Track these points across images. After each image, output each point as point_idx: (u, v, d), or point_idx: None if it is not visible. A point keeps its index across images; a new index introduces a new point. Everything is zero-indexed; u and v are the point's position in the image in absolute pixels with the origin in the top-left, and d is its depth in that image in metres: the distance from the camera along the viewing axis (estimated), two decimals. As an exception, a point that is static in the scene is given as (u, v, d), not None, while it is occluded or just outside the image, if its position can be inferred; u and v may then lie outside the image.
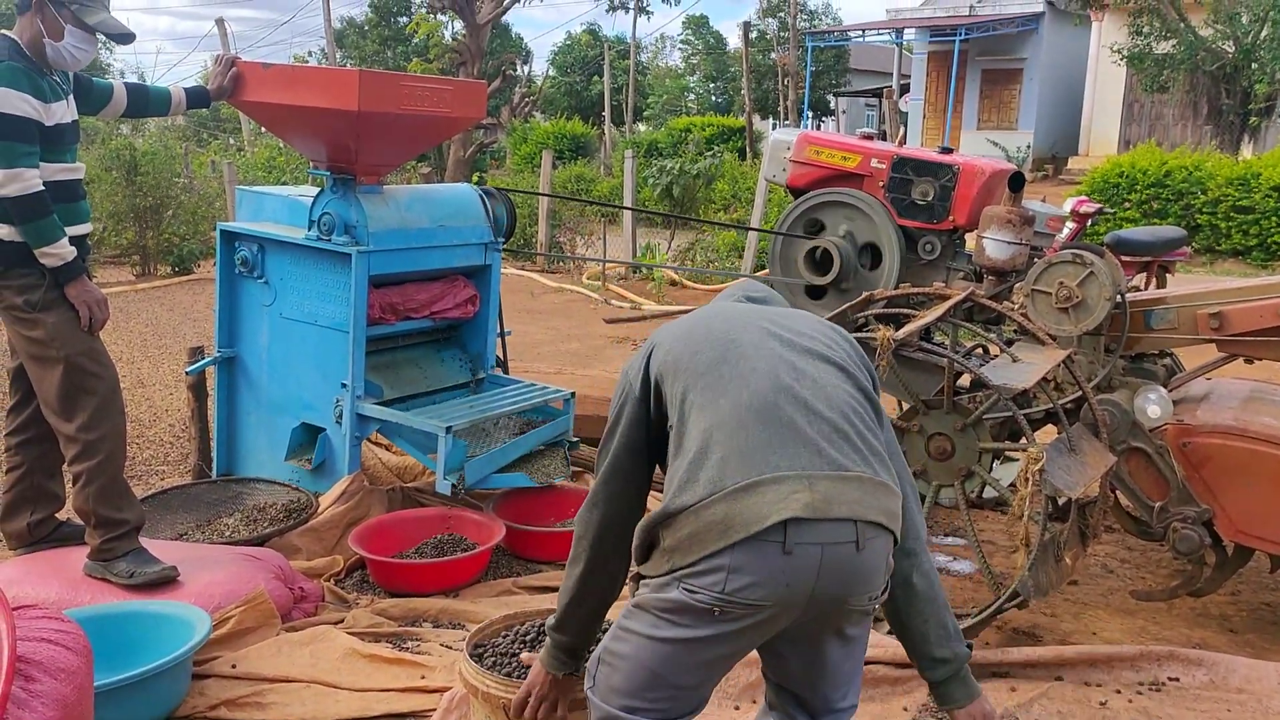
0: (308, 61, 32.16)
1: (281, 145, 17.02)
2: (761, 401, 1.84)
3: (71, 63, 3.40)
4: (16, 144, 3.20)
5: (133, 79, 30.38)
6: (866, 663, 3.04)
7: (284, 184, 14.23)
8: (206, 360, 4.78)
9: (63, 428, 3.42)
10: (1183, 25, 17.62)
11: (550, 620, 2.17)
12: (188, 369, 4.94)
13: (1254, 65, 17.00)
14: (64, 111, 3.40)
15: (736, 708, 2.96)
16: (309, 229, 4.31)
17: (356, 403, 4.25)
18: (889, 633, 3.37)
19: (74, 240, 3.40)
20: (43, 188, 3.24)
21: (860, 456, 1.85)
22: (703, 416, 1.86)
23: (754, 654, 2.02)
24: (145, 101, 3.87)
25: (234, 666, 3.13)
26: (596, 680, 1.93)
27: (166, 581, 3.38)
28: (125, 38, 3.54)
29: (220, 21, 24.65)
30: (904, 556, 2.01)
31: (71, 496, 3.53)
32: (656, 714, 1.86)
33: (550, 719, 2.18)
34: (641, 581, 1.89)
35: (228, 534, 4.08)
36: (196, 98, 3.99)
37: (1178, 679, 3.13)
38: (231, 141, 25.54)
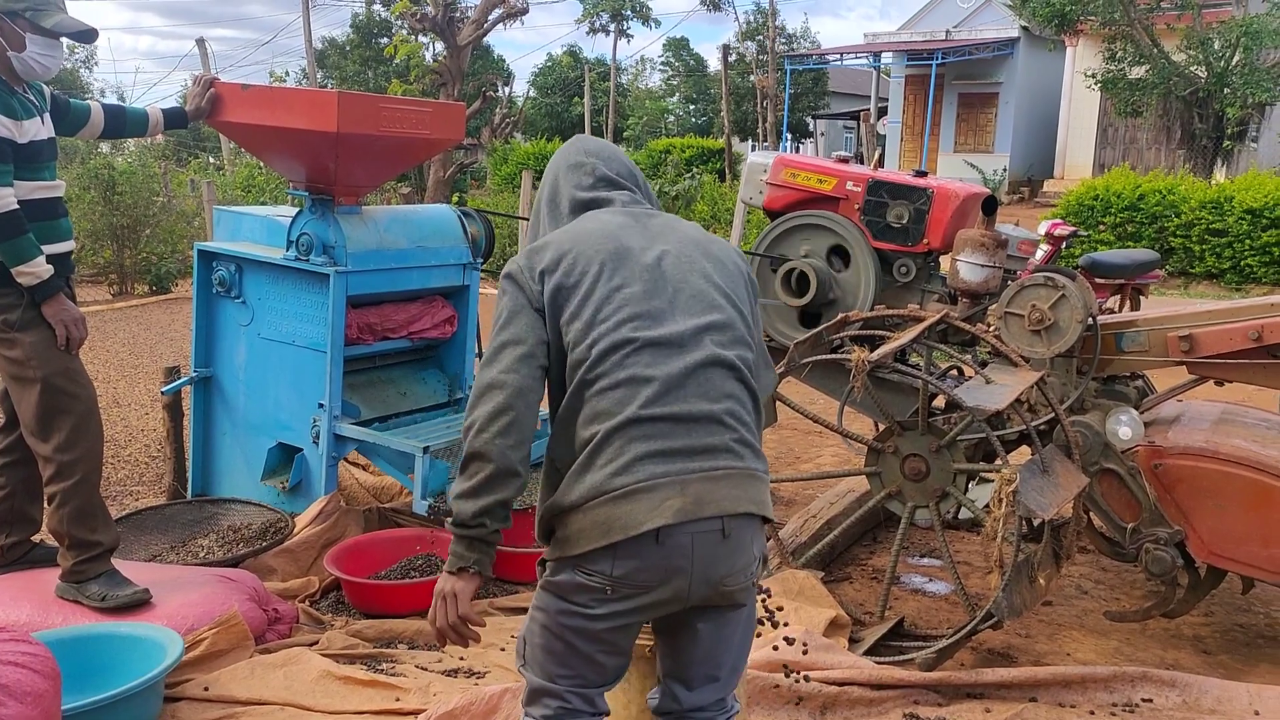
0: (284, 80, 32.09)
1: (260, 164, 16.98)
2: (647, 413, 1.97)
3: (41, 71, 3.36)
4: None
5: (112, 98, 30.28)
6: (840, 684, 3.07)
7: (263, 203, 14.21)
8: (183, 380, 4.76)
9: (40, 448, 3.39)
10: (1156, 51, 17.83)
11: (468, 510, 1.99)
12: (164, 389, 4.91)
13: (1226, 90, 17.20)
14: (38, 129, 3.38)
15: None
16: (287, 249, 4.31)
17: (334, 423, 4.24)
18: (864, 653, 3.39)
19: (56, 258, 3.38)
20: (17, 206, 3.22)
21: (732, 455, 2.02)
22: (599, 406, 1.98)
23: None
24: (122, 122, 3.86)
25: (206, 689, 3.11)
26: (525, 657, 2.11)
27: (139, 604, 3.35)
28: (87, 35, 3.45)
29: (201, 41, 24.66)
30: (765, 374, 2.25)
31: (46, 517, 3.50)
32: (577, 681, 2.06)
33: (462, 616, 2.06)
34: (546, 565, 2.06)
35: (202, 555, 4.06)
36: (174, 118, 3.99)
37: (1151, 700, 3.15)
38: (211, 160, 25.49)
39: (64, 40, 3.41)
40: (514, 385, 1.96)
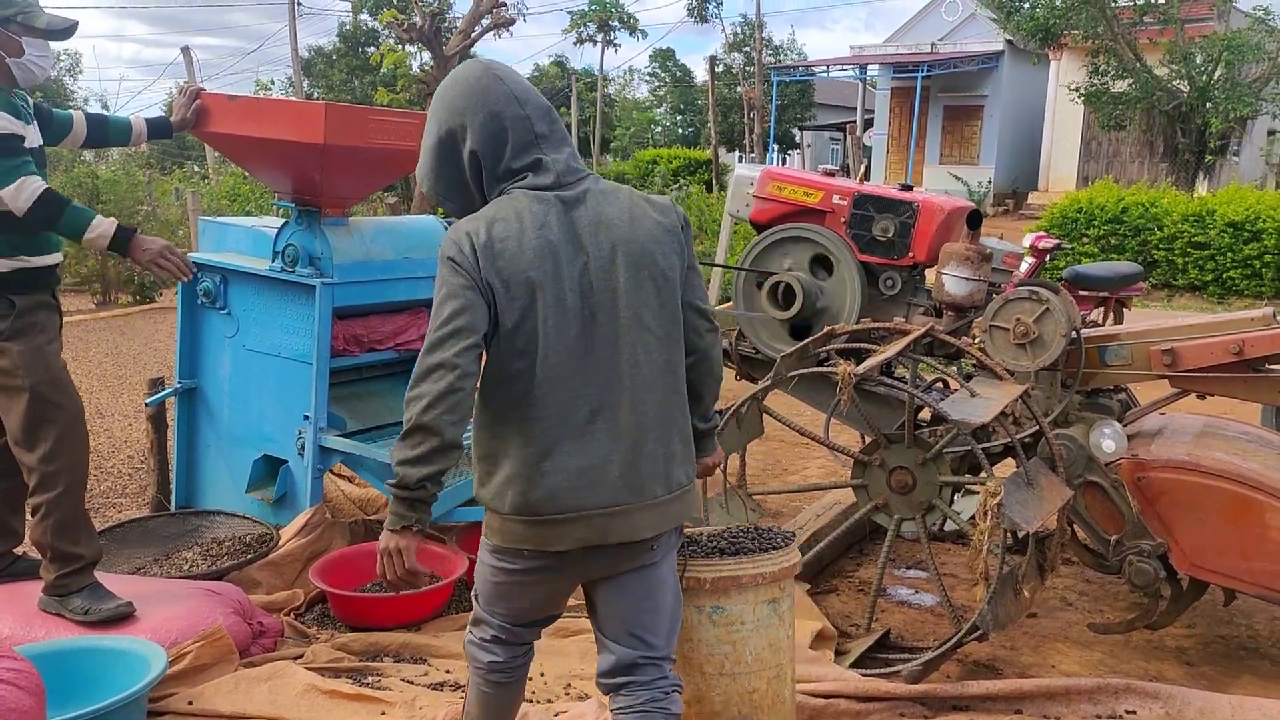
0: (270, 89, 32.00)
1: (246, 174, 16.93)
2: (580, 431, 2.17)
3: (39, 74, 3.38)
4: (10, 158, 3.19)
5: (96, 105, 30.16)
6: (827, 696, 3.07)
7: (248, 213, 14.15)
8: (167, 391, 4.74)
9: (25, 458, 3.37)
10: (1139, 65, 18.00)
11: (414, 475, 2.11)
12: (147, 400, 4.89)
13: (1208, 104, 17.38)
14: (34, 135, 3.39)
15: None
16: (273, 260, 4.30)
17: (319, 435, 4.23)
18: (850, 665, 3.40)
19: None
20: (47, 184, 3.24)
21: (635, 491, 2.21)
22: (537, 421, 2.16)
23: None
24: (105, 132, 3.85)
25: (190, 704, 3.09)
26: (477, 588, 2.41)
27: (122, 618, 3.33)
28: (71, 29, 3.40)
29: (186, 50, 24.52)
30: (705, 335, 2.40)
31: (29, 528, 3.47)
32: (507, 617, 2.39)
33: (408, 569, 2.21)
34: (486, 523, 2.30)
35: (186, 568, 4.04)
36: (158, 128, 3.97)
37: (1134, 712, 3.16)
38: (196, 169, 25.40)
39: (51, 44, 3.41)
40: (463, 369, 2.09)
